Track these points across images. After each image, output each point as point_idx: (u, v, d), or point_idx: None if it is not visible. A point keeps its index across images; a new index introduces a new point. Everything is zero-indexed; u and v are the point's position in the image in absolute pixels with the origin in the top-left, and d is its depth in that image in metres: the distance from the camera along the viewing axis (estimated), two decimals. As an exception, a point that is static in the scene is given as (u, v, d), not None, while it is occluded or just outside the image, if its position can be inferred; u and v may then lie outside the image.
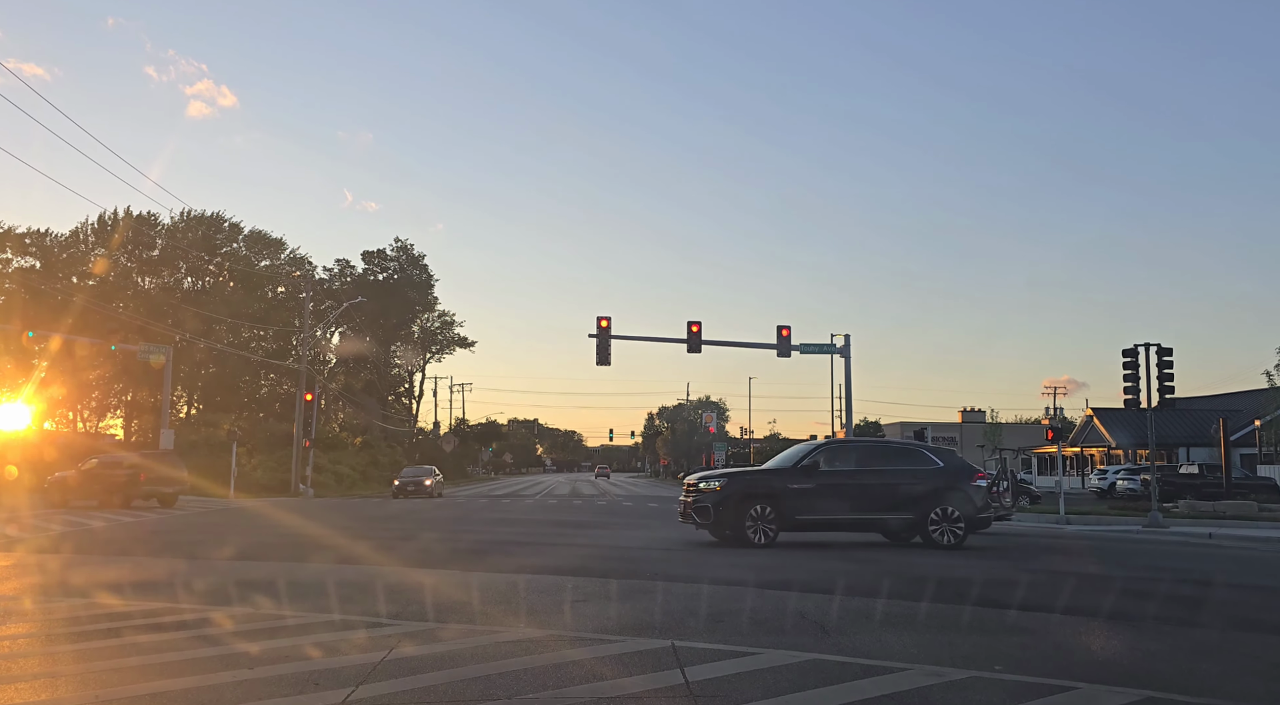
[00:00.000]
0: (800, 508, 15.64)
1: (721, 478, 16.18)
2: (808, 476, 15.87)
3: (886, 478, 16.25)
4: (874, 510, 16.08)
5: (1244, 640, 7.95)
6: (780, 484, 15.84)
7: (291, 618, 8.22)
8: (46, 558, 13.88)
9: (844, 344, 38.47)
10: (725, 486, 15.78)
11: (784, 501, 15.60)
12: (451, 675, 6.01)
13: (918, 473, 16.36)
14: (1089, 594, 10.71)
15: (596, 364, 33.87)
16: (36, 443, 41.79)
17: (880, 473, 16.33)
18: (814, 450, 16.67)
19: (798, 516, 15.69)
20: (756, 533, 15.43)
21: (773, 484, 15.91)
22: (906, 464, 16.66)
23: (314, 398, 48.60)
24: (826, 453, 16.59)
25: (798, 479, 15.84)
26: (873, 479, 16.19)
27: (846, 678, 6.03)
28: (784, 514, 15.58)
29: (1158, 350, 25.88)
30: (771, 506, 15.52)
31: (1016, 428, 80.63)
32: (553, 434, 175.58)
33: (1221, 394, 64.56)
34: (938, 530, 16.05)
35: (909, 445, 18.30)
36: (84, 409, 66.18)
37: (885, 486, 16.15)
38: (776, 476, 16.12)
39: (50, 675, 6.15)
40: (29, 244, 61.66)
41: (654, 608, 8.91)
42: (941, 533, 16.04)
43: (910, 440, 19.54)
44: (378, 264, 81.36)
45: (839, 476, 16.07)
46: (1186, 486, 38.55)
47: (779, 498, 15.63)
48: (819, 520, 15.94)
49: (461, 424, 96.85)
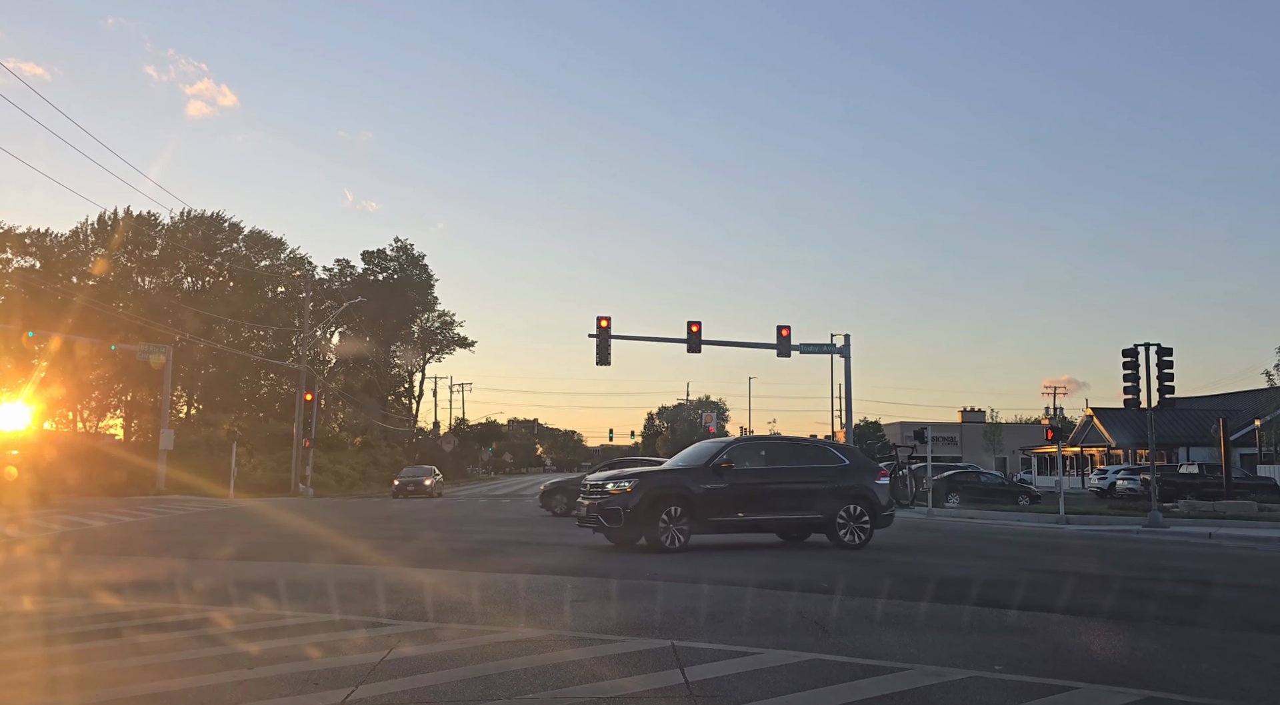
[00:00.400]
0: (713, 509, 14.90)
1: (631, 478, 15.00)
2: (719, 476, 15.08)
3: (796, 476, 15.75)
4: (785, 510, 15.61)
5: (1244, 640, 7.95)
6: (693, 484, 14.95)
7: (291, 618, 8.23)
8: (46, 557, 13.89)
9: (844, 344, 38.47)
10: (637, 487, 14.66)
11: (697, 502, 14.79)
12: (451, 675, 6.01)
13: (825, 471, 15.95)
14: (1089, 594, 10.71)
15: (596, 364, 33.85)
16: (36, 443, 41.81)
17: (790, 471, 15.81)
18: (725, 448, 15.73)
19: (710, 518, 14.93)
20: (669, 536, 14.54)
21: (686, 484, 14.97)
22: (814, 462, 16.26)
23: (314, 398, 48.62)
24: (737, 451, 15.77)
25: (710, 479, 15.03)
26: (784, 478, 15.66)
27: (846, 677, 6.03)
28: (697, 516, 14.78)
29: (1158, 350, 25.88)
30: (684, 508, 14.71)
31: (1016, 428, 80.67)
32: (553, 434, 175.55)
33: (1221, 394, 64.60)
34: (845, 529, 15.61)
35: (816, 443, 17.78)
36: (84, 409, 66.17)
37: (796, 485, 15.64)
38: (689, 476, 15.15)
39: (50, 675, 6.15)
40: (29, 244, 61.64)
41: (654, 607, 8.91)
42: (849, 532, 15.62)
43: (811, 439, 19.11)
44: (378, 264, 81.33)
45: (751, 476, 15.39)
46: (1186, 486, 38.55)
47: (692, 499, 14.80)
48: (732, 521, 15.23)
49: (461, 424, 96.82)
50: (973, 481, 38.48)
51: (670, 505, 14.63)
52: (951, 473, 38.57)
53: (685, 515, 14.72)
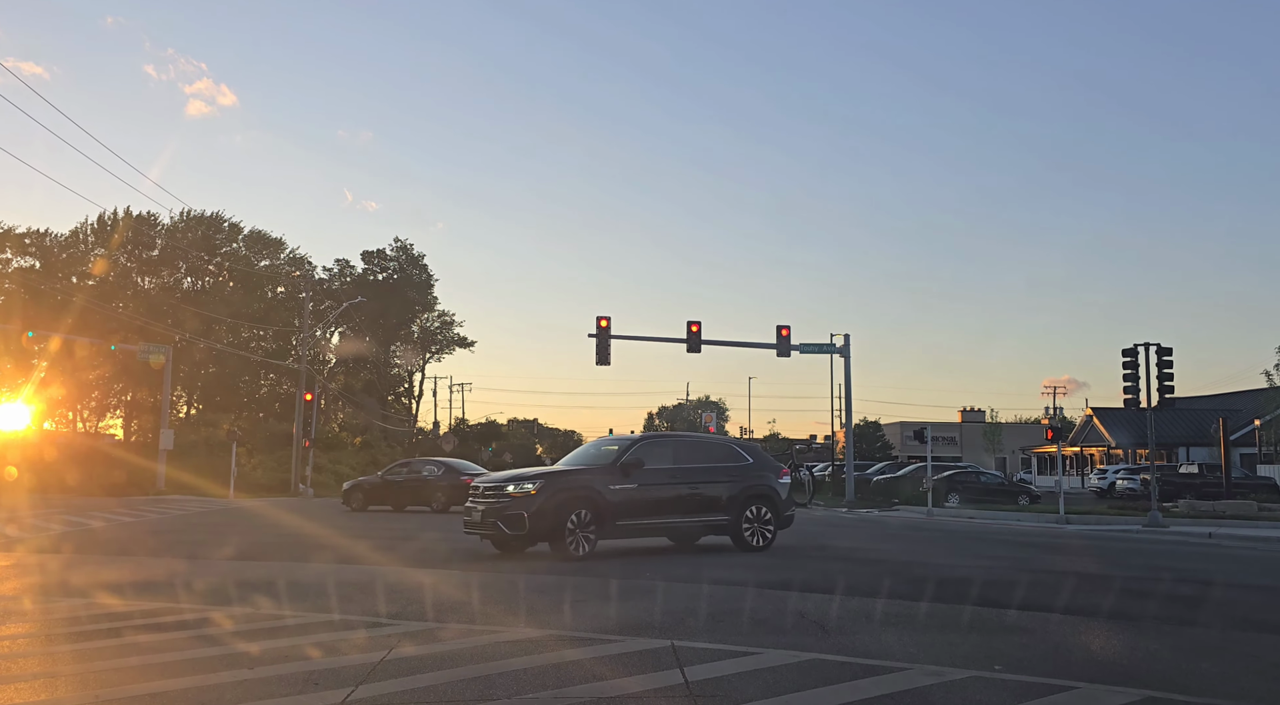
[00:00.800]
0: (622, 512, 13.81)
1: (535, 479, 13.79)
2: (626, 476, 13.99)
3: (704, 476, 14.79)
4: (693, 512, 14.64)
5: (1244, 640, 7.96)
6: (601, 486, 13.80)
7: (291, 618, 8.23)
8: (46, 558, 13.88)
9: (844, 344, 38.48)
10: (542, 489, 13.46)
11: (605, 506, 13.67)
12: (451, 675, 6.02)
13: (731, 470, 15.06)
14: (1089, 594, 10.72)
15: (596, 364, 33.88)
16: (36, 443, 41.84)
17: (698, 471, 14.81)
18: (632, 446, 14.58)
19: (619, 522, 13.83)
20: (577, 543, 13.39)
21: (593, 486, 13.80)
22: (720, 461, 15.25)
23: (314, 398, 48.62)
24: (645, 449, 14.59)
25: (618, 479, 13.92)
26: (692, 478, 14.66)
27: (846, 677, 6.03)
28: (605, 520, 13.66)
29: (1157, 350, 25.90)
30: (592, 512, 13.56)
31: (1016, 427, 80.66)
32: (552, 434, 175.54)
33: (1221, 394, 64.62)
34: (750, 531, 14.85)
35: (720, 440, 16.69)
36: (84, 409, 66.22)
37: (704, 486, 14.72)
38: (596, 477, 13.97)
39: (50, 675, 6.15)
40: (29, 244, 61.69)
41: (653, 607, 8.92)
42: (754, 534, 14.87)
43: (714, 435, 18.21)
44: (377, 264, 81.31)
45: (660, 476, 14.31)
46: (1186, 486, 38.57)
47: (600, 502, 13.66)
48: (640, 526, 14.20)
49: (461, 424, 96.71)
50: (972, 481, 38.49)
51: (578, 509, 13.50)
52: (951, 473, 38.57)
53: (593, 520, 13.59)
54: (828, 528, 22.82)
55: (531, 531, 13.37)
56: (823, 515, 30.41)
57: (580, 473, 14.29)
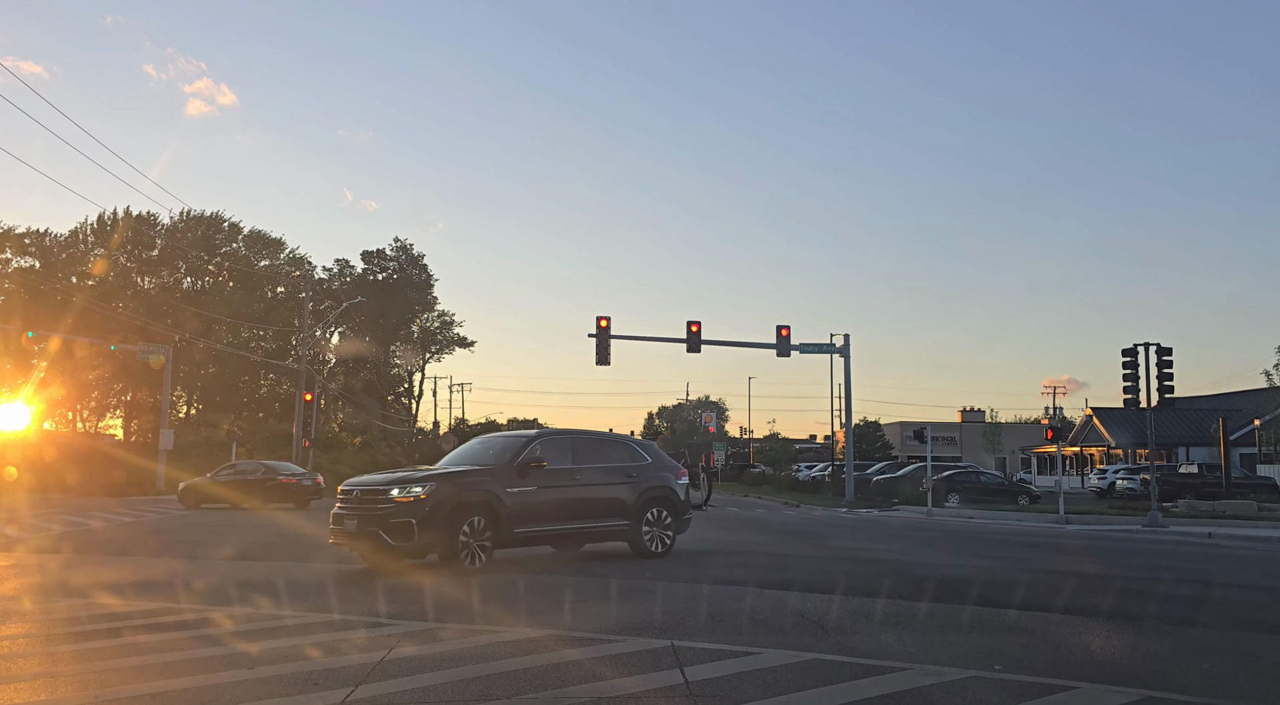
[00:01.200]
0: (521, 518, 12.39)
1: (425, 481, 12.02)
2: (524, 478, 12.59)
3: (605, 477, 13.63)
4: (594, 517, 13.34)
5: (1244, 640, 7.96)
6: (497, 488, 12.30)
7: (291, 618, 8.23)
8: (46, 558, 13.89)
9: (844, 344, 38.49)
10: (434, 493, 11.75)
11: (503, 511, 12.20)
12: (451, 675, 6.02)
13: (630, 470, 13.90)
14: (1088, 594, 10.72)
15: (596, 364, 33.91)
16: (36, 443, 41.85)
17: (599, 471, 13.62)
18: (531, 444, 13.11)
19: (517, 528, 12.37)
20: (471, 554, 11.86)
21: (489, 488, 12.27)
22: (620, 460, 14.04)
23: (313, 398, 48.64)
24: (545, 447, 13.16)
25: (516, 481, 12.50)
26: (593, 479, 13.47)
27: (846, 677, 6.03)
28: (502, 526, 12.20)
29: (1157, 350, 25.92)
30: (488, 518, 12.09)
31: (1016, 427, 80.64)
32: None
33: (1221, 394, 64.62)
34: (650, 536, 13.73)
35: (618, 438, 15.68)
36: (83, 409, 66.21)
37: (606, 488, 13.56)
38: (492, 478, 12.44)
39: (50, 675, 6.16)
40: (29, 244, 61.70)
41: (653, 607, 8.92)
42: (653, 539, 13.76)
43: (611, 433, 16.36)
44: (377, 264, 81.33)
45: (560, 478, 13.00)
46: (1186, 486, 38.57)
47: (497, 506, 12.18)
48: (539, 533, 12.82)
49: (461, 424, 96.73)
50: (972, 481, 38.52)
51: (474, 515, 11.98)
52: (951, 473, 38.60)
53: (489, 526, 12.11)
54: (827, 527, 22.83)
55: (420, 542, 11.71)
56: (822, 515, 30.42)
57: (475, 474, 12.67)
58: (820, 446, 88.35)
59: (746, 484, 62.58)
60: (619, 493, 13.64)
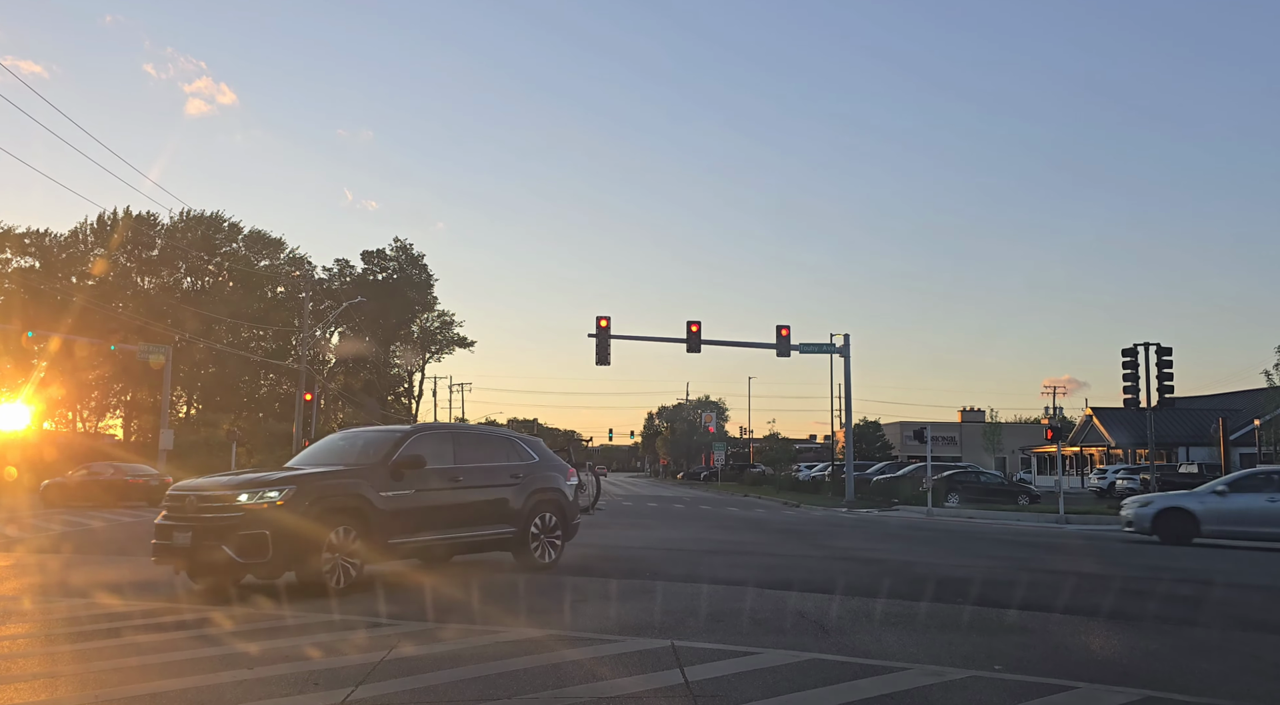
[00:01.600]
0: (396, 526, 10.54)
1: (282, 485, 9.89)
2: (400, 479, 10.74)
3: (489, 478, 11.97)
4: (479, 524, 11.66)
5: (1244, 640, 7.96)
6: (370, 492, 10.39)
7: (291, 618, 8.23)
8: (46, 558, 13.89)
9: (843, 344, 38.47)
10: (293, 500, 9.70)
11: (375, 518, 10.31)
12: (451, 675, 6.02)
13: (516, 471, 12.31)
14: (1088, 593, 10.72)
15: (596, 364, 33.90)
16: (36, 443, 41.87)
17: (482, 472, 11.95)
18: (407, 440, 11.24)
19: (392, 539, 10.49)
20: (336, 572, 9.84)
21: (361, 492, 10.34)
22: (505, 459, 12.39)
23: (313, 397, 48.63)
24: (421, 443, 11.33)
25: (390, 483, 10.64)
26: (476, 480, 11.79)
27: (846, 677, 6.03)
28: (374, 537, 10.28)
29: (1157, 350, 25.94)
30: (359, 527, 10.16)
31: (1016, 427, 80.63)
32: (552, 434, 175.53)
33: (1221, 394, 64.65)
34: (537, 545, 12.23)
35: (502, 434, 14.19)
36: (83, 409, 66.24)
37: (490, 490, 11.91)
38: (362, 480, 10.50)
39: (50, 675, 6.16)
40: (29, 244, 61.73)
41: (653, 607, 8.91)
42: (541, 548, 12.27)
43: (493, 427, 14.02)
44: (377, 264, 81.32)
45: (440, 479, 11.26)
46: (1186, 486, 38.46)
47: (369, 513, 10.29)
48: (417, 543, 10.96)
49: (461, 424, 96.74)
50: (972, 481, 38.51)
51: (341, 524, 10.00)
52: (951, 473, 38.58)
53: (360, 537, 10.16)
54: (827, 527, 22.82)
55: (275, 559, 9.55)
56: (822, 515, 30.41)
57: (342, 475, 10.68)
58: (820, 446, 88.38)
59: (746, 484, 62.56)
60: (505, 495, 12.03)
